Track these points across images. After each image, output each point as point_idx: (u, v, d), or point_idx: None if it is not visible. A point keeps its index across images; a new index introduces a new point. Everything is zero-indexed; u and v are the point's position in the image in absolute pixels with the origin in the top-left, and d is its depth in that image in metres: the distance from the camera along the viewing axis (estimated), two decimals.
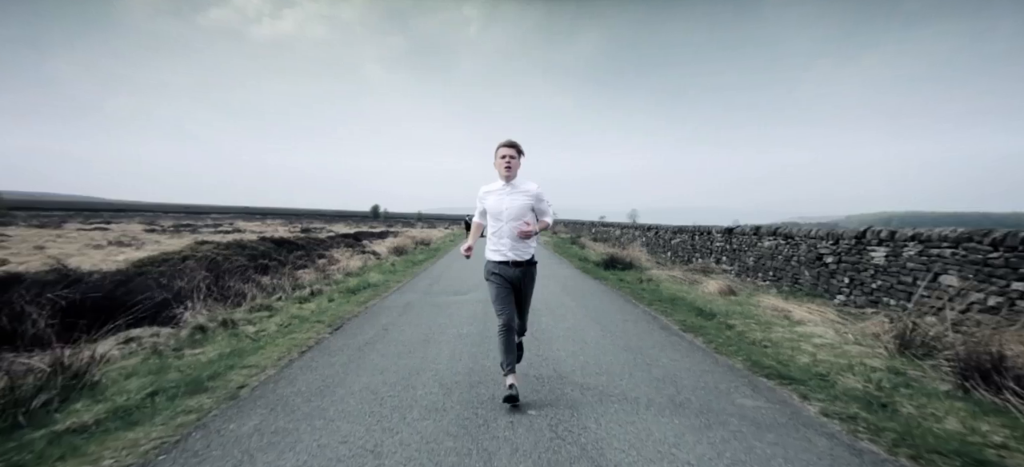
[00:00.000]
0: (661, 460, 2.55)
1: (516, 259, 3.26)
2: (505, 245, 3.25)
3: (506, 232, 3.25)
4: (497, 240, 3.29)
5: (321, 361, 4.27)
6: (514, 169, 3.27)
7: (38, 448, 2.59)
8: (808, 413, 3.21)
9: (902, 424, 3.02)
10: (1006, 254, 5.36)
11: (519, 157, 3.28)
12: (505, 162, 3.23)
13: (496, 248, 3.29)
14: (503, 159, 3.24)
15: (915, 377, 3.83)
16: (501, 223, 3.26)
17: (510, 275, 3.27)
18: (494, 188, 3.34)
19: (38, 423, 2.89)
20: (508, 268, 3.27)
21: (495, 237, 3.31)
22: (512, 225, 3.23)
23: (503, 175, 3.27)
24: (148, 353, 4.31)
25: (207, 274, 7.46)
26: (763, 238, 11.00)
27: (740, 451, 2.64)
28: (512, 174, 3.27)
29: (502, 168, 3.25)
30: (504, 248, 3.26)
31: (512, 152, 3.24)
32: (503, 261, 3.26)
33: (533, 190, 3.32)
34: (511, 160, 3.24)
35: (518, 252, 3.27)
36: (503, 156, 3.24)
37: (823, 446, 2.72)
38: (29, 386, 3.10)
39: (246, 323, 5.68)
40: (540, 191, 3.33)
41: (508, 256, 3.25)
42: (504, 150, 3.25)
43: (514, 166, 3.26)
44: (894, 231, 7.17)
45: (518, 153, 3.28)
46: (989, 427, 2.94)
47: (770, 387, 3.71)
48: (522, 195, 3.28)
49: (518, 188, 3.30)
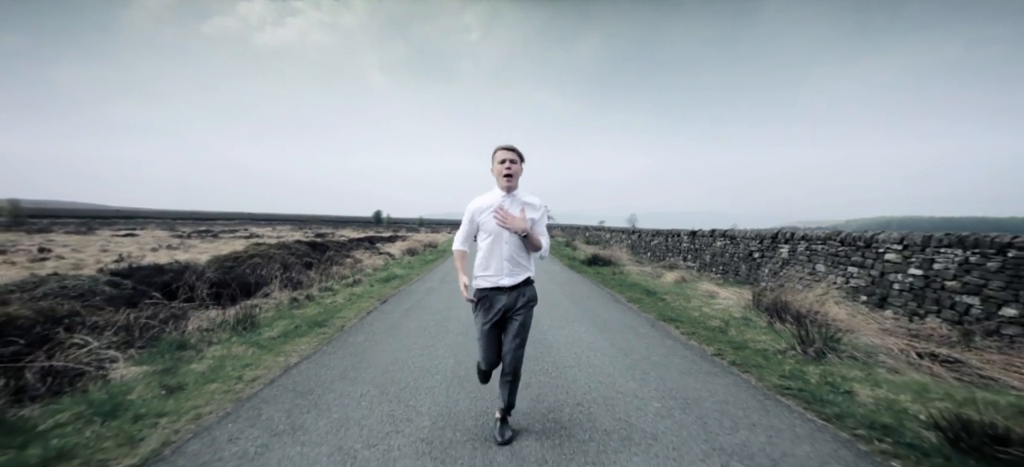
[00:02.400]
0: (582, 344, 4.95)
1: (510, 283, 2.77)
2: (503, 269, 2.76)
3: (506, 253, 2.76)
4: (491, 262, 2.78)
5: (383, 316, 6.68)
6: (515, 177, 2.79)
7: (265, 343, 4.98)
8: (675, 333, 5.63)
9: (726, 338, 5.40)
10: (846, 249, 7.78)
11: (520, 163, 2.81)
12: (505, 168, 2.75)
13: (487, 273, 2.79)
14: (503, 165, 2.76)
15: (753, 319, 6.23)
16: (501, 243, 2.77)
17: (503, 303, 2.77)
18: (490, 202, 2.82)
19: (256, 330, 5.29)
20: (502, 295, 2.77)
21: (487, 259, 2.79)
22: (513, 245, 2.77)
23: (502, 184, 2.78)
24: (275, 310, 6.71)
25: (278, 266, 9.87)
26: (716, 239, 13.40)
27: (624, 342, 5.05)
28: (513, 183, 2.79)
29: (501, 175, 2.77)
30: (501, 273, 2.76)
31: (512, 156, 2.77)
32: (494, 288, 2.77)
33: (538, 204, 2.88)
34: (511, 165, 2.76)
35: (514, 275, 2.77)
36: (502, 161, 2.76)
37: (669, 344, 5.13)
38: (234, 319, 5.51)
39: (321, 298, 8.08)
40: (544, 206, 2.92)
41: (503, 283, 2.76)
42: (503, 154, 2.77)
43: (515, 173, 2.78)
44: (793, 233, 9.58)
45: (519, 158, 2.81)
46: (770, 339, 5.33)
47: (662, 324, 6.12)
48: (527, 209, 2.83)
49: (520, 200, 2.83)
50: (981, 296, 5.43)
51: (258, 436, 2.82)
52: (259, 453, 2.62)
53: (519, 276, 2.77)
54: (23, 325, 4.15)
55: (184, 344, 4.74)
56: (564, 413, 3.21)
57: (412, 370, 4.14)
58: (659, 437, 2.87)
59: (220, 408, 3.25)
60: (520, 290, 2.78)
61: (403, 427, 2.97)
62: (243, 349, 4.73)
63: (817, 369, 4.14)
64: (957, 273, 5.76)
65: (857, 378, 3.87)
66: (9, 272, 10.42)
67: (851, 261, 7.78)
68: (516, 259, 2.77)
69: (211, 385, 3.67)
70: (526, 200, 2.85)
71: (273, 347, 4.87)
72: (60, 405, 3.12)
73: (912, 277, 6.43)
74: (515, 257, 2.77)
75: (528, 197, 2.86)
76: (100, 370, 3.76)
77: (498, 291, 2.77)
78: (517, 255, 2.78)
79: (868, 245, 7.34)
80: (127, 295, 6.45)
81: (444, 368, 4.19)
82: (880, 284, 7.02)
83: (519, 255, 2.78)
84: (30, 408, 3.06)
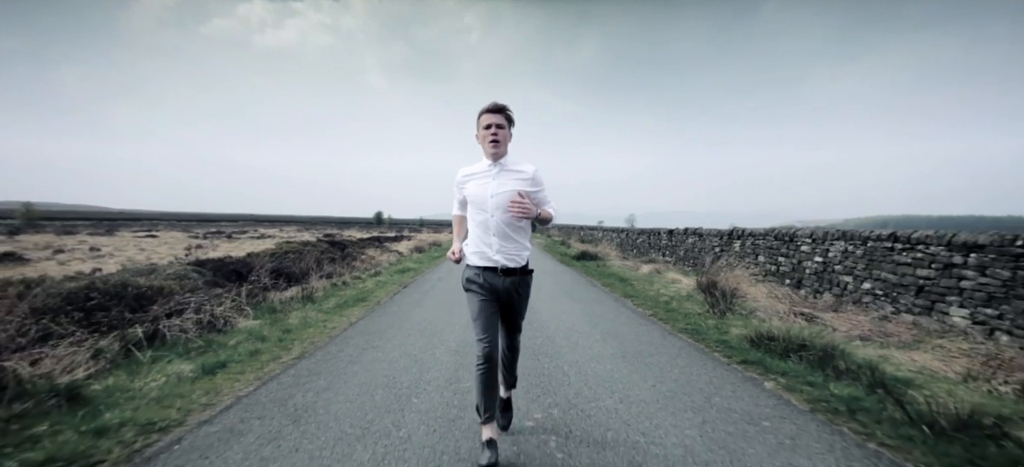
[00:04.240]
0: (559, 310, 6.85)
1: (506, 264, 2.48)
2: (492, 245, 2.48)
3: (493, 227, 2.47)
4: (481, 238, 2.52)
5: (407, 296, 8.58)
6: (502, 142, 2.46)
7: (328, 310, 6.88)
8: (629, 305, 7.54)
9: (666, 307, 7.30)
10: (777, 243, 9.70)
11: (508, 127, 2.49)
12: (491, 133, 2.42)
13: (479, 250, 2.52)
14: (487, 129, 2.43)
15: (695, 297, 8.12)
16: (486, 214, 2.47)
17: (497, 286, 2.50)
18: (476, 170, 2.55)
19: (316, 304, 7.19)
20: (495, 276, 2.49)
21: (479, 234, 2.53)
22: (503, 217, 2.45)
23: (488, 151, 2.47)
24: (323, 292, 8.61)
25: (313, 260, 11.77)
26: (689, 237, 15.30)
27: (589, 309, 6.96)
28: (500, 149, 2.46)
29: (487, 142, 2.44)
30: (490, 249, 2.48)
31: (499, 119, 2.44)
32: (489, 267, 2.49)
33: (528, 171, 2.52)
34: (498, 130, 2.43)
35: (509, 255, 2.49)
36: (487, 125, 2.44)
37: (621, 310, 7.03)
38: (300, 296, 7.43)
39: (354, 284, 9.98)
40: (537, 173, 2.54)
41: (496, 260, 2.48)
42: (488, 117, 2.44)
43: (502, 138, 2.45)
44: (744, 230, 11.49)
45: (507, 122, 2.49)
46: (697, 307, 7.22)
47: (623, 300, 8.04)
48: (513, 178, 2.49)
49: (508, 168, 2.50)
50: (853, 275, 7.34)
51: (353, 349, 4.73)
52: (359, 354, 4.53)
53: (515, 256, 2.49)
54: (170, 292, 6.04)
55: (273, 309, 6.65)
56: (538, 341, 5.11)
57: (439, 323, 6.05)
58: (591, 346, 4.80)
59: (322, 339, 5.16)
60: (518, 279, 2.52)
61: (438, 346, 4.87)
62: (314, 314, 6.64)
63: (714, 322, 6.05)
64: (841, 259, 7.67)
65: (736, 325, 5.77)
66: (83, 265, 12.32)
67: (780, 252, 9.68)
68: (509, 234, 2.47)
69: (309, 330, 5.57)
70: (517, 169, 2.51)
71: (335, 313, 6.78)
72: (226, 337, 5.03)
73: (816, 263, 8.34)
74: (507, 232, 2.47)
75: (519, 165, 2.52)
76: (231, 322, 5.66)
77: (492, 271, 2.48)
78: (510, 229, 2.47)
79: (791, 239, 9.25)
80: (210, 280, 8.34)
81: (461, 323, 6.09)
82: (798, 269, 8.92)
83: (512, 230, 2.48)
84: (215, 336, 4.98)
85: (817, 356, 3.99)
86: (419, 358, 4.41)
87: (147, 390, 3.37)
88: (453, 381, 3.74)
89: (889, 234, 6.80)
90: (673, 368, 4.12)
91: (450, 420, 2.98)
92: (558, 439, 2.74)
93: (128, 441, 2.60)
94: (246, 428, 2.86)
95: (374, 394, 3.45)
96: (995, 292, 5.17)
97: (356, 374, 3.91)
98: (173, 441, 2.67)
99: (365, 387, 3.60)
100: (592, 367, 4.16)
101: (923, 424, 2.64)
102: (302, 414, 3.06)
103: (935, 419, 2.63)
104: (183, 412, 3.05)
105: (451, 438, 2.73)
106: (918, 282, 6.17)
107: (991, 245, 5.27)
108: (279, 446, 2.62)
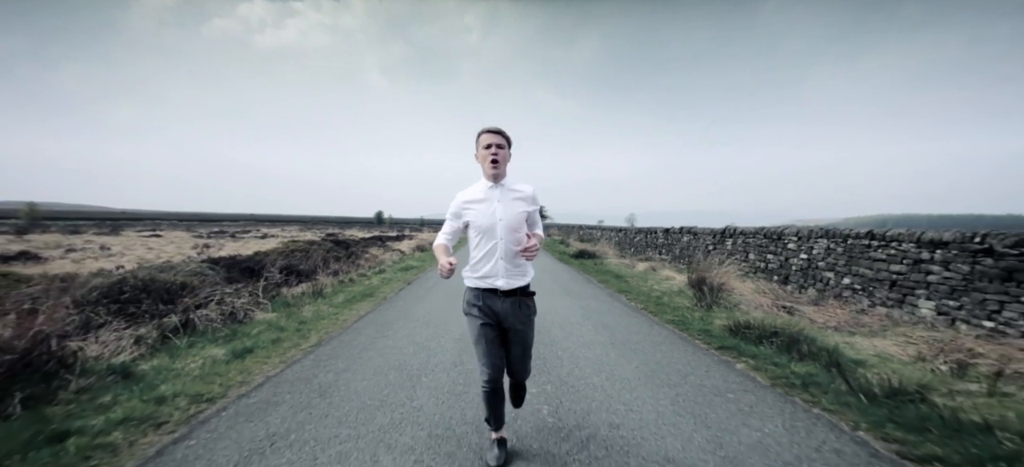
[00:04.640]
0: (556, 304, 7.29)
1: (508, 287, 2.45)
2: (498, 268, 2.44)
3: (501, 250, 2.44)
4: (485, 262, 2.47)
5: (411, 291, 9.02)
6: (502, 163, 2.48)
7: (338, 304, 7.33)
8: (622, 299, 7.97)
9: (657, 301, 7.73)
10: (766, 241, 10.13)
11: (507, 148, 2.51)
12: (491, 154, 2.44)
13: (482, 274, 2.48)
14: (488, 150, 2.45)
15: (686, 292, 8.55)
16: (495, 239, 2.45)
17: (498, 308, 2.47)
18: (477, 195, 2.53)
19: (326, 299, 7.63)
20: (496, 299, 2.46)
21: (482, 258, 2.48)
22: (509, 241, 2.44)
23: (488, 171, 2.48)
24: (331, 288, 9.06)
25: (320, 259, 12.23)
26: (684, 235, 15.73)
27: (584, 303, 7.40)
28: (500, 170, 2.48)
29: (487, 163, 2.46)
30: (496, 273, 2.45)
31: (499, 140, 2.47)
32: (490, 290, 2.46)
33: (527, 191, 2.55)
34: (498, 151, 2.45)
35: (511, 276, 2.46)
36: (487, 146, 2.46)
37: (614, 304, 7.47)
38: (310, 291, 7.87)
39: (360, 281, 10.43)
40: (535, 193, 2.58)
41: (497, 283, 2.45)
42: (489, 138, 2.46)
43: (502, 158, 2.48)
44: (736, 228, 11.92)
45: (507, 143, 2.51)
46: (686, 301, 7.66)
47: (617, 295, 8.48)
48: (519, 199, 2.51)
49: (511, 190, 2.52)
50: (834, 271, 7.77)
51: (366, 338, 5.17)
52: (371, 342, 4.98)
53: (517, 278, 2.47)
54: (193, 287, 6.48)
55: (287, 303, 7.09)
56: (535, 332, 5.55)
57: (442, 315, 6.48)
58: (584, 335, 5.24)
59: (336, 330, 5.60)
60: (519, 301, 2.49)
61: (443, 335, 5.31)
62: (326, 308, 7.08)
63: (700, 314, 6.49)
64: (824, 256, 8.10)
65: (720, 317, 6.21)
66: (103, 263, 12.77)
67: (769, 250, 10.11)
68: (513, 258, 2.46)
69: (322, 322, 6.01)
70: (516, 190, 2.53)
71: (345, 307, 7.22)
72: (248, 327, 5.47)
73: (801, 260, 8.77)
74: (511, 255, 2.46)
75: (518, 186, 2.55)
76: (250, 314, 6.10)
77: (493, 294, 2.46)
78: (514, 253, 2.46)
79: (779, 238, 9.68)
80: (225, 276, 8.78)
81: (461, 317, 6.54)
82: (785, 266, 9.36)
83: (513, 259, 2.47)
84: (237, 326, 5.42)
85: (785, 342, 4.43)
86: (426, 345, 4.85)
87: (189, 370, 3.82)
88: (457, 364, 4.18)
89: (867, 232, 7.23)
90: (656, 353, 4.56)
91: (456, 394, 3.42)
92: (550, 407, 3.18)
93: (183, 408, 3.06)
94: (280, 400, 3.30)
95: (388, 374, 3.89)
96: (957, 285, 5.60)
97: (371, 359, 4.36)
98: (220, 409, 3.12)
99: (379, 369, 4.04)
100: (583, 352, 4.60)
101: (861, 393, 3.07)
102: (327, 390, 3.51)
103: (871, 389, 3.06)
104: (224, 387, 3.50)
105: (458, 407, 3.17)
106: (892, 277, 6.60)
107: (954, 242, 5.71)
108: (310, 413, 3.07)
